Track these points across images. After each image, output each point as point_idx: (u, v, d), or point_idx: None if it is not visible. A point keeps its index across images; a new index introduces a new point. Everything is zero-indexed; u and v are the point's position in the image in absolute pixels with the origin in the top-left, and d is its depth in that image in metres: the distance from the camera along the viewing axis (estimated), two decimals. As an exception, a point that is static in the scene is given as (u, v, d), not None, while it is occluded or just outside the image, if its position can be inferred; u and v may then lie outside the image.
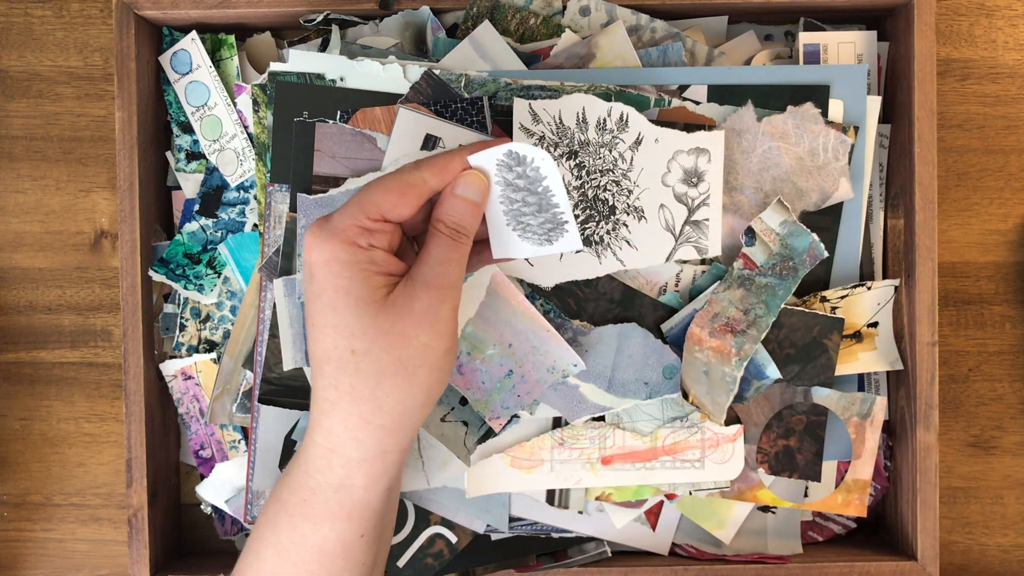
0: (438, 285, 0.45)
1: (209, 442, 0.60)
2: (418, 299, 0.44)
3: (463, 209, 0.46)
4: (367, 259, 0.44)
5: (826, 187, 0.56)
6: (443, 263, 0.45)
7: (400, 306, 0.44)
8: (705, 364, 0.54)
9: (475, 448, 0.56)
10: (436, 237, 0.46)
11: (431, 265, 0.45)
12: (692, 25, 0.59)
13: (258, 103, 0.56)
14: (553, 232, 0.48)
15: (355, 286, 0.44)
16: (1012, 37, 0.62)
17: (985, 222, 0.63)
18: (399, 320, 0.44)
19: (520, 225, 0.48)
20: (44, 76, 0.63)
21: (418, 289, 0.44)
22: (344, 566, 0.46)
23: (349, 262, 0.44)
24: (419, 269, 0.45)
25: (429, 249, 0.46)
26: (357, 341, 0.43)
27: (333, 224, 0.44)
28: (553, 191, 0.47)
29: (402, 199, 0.45)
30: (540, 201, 0.47)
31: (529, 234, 0.48)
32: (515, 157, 0.46)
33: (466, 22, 0.57)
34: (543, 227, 0.48)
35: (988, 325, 0.63)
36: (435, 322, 0.44)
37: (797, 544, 0.59)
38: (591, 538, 0.58)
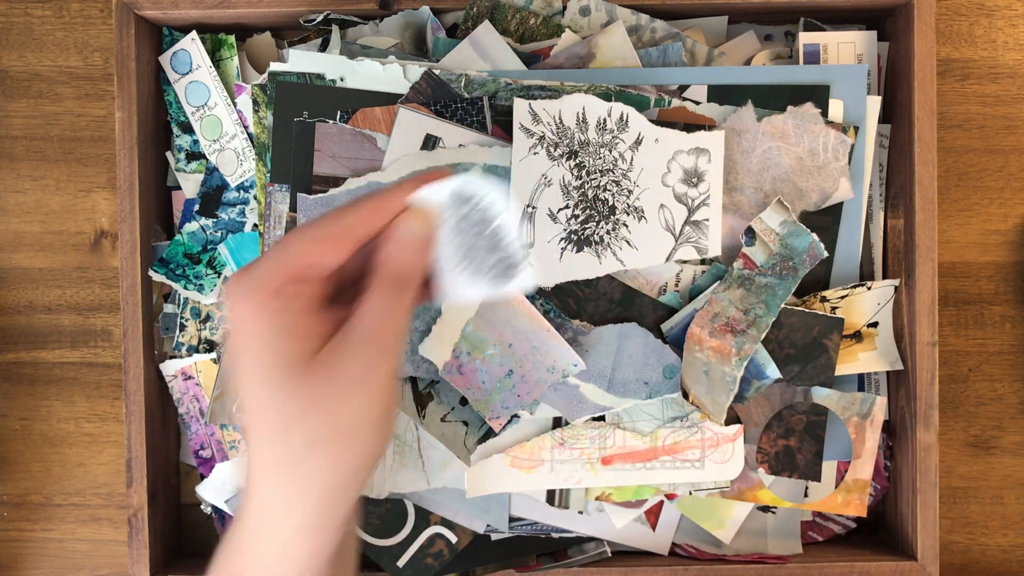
0: (377, 341, 0.39)
1: (209, 442, 0.60)
2: (354, 358, 0.39)
3: (407, 253, 0.41)
4: (294, 314, 0.39)
5: (826, 187, 0.56)
6: (383, 316, 0.40)
7: (333, 366, 0.39)
8: (705, 364, 0.54)
9: (475, 448, 0.56)
10: (376, 286, 0.41)
11: (370, 318, 0.40)
12: (692, 25, 0.59)
13: (258, 103, 0.56)
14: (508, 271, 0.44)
15: (282, 345, 0.38)
16: (1012, 37, 0.62)
17: (985, 222, 0.63)
18: (332, 383, 0.39)
19: (471, 266, 0.44)
20: (44, 76, 0.63)
21: (354, 346, 0.39)
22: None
23: (274, 318, 0.39)
24: (356, 323, 0.40)
25: (368, 300, 0.40)
26: (286, 406, 0.38)
27: (256, 275, 0.39)
28: (505, 229, 0.43)
29: (332, 246, 0.40)
30: (493, 240, 0.44)
31: (481, 275, 0.44)
32: (465, 193, 0.43)
33: (466, 22, 0.57)
34: (497, 267, 0.44)
35: (988, 325, 0.63)
36: (373, 383, 0.39)
37: (797, 544, 0.59)
38: (591, 538, 0.58)
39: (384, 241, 0.41)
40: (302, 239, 0.40)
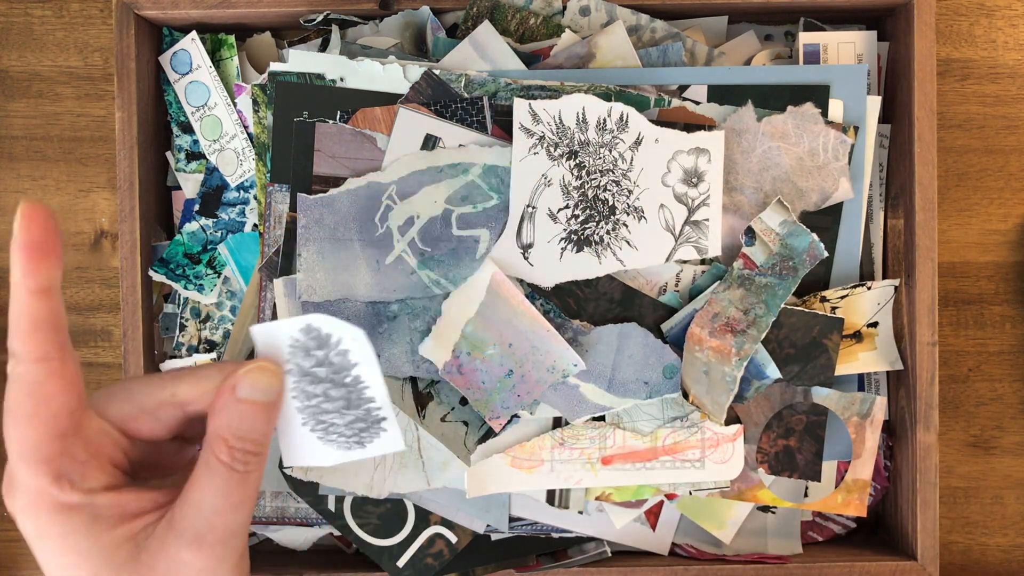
0: (214, 541, 0.32)
1: (209, 442, 0.60)
2: (186, 563, 0.32)
3: (252, 418, 0.33)
4: (88, 518, 0.31)
5: (826, 187, 0.56)
6: (222, 510, 0.32)
7: (160, 572, 0.32)
8: (705, 364, 0.54)
9: (475, 448, 0.56)
10: (209, 468, 0.32)
11: (203, 513, 0.32)
12: (692, 25, 0.59)
13: (258, 103, 0.56)
14: (366, 432, 0.36)
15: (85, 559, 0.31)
16: (1012, 37, 0.62)
17: (985, 222, 0.63)
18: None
19: (321, 426, 0.36)
20: (44, 76, 0.63)
21: (184, 549, 0.32)
22: None
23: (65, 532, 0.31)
24: (184, 516, 0.32)
25: (198, 486, 0.32)
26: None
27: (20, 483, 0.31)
28: (366, 381, 0.35)
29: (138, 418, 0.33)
30: (348, 395, 0.35)
31: (334, 437, 0.36)
32: (315, 337, 0.34)
33: (466, 22, 0.57)
34: (352, 427, 0.36)
35: (988, 325, 0.63)
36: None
37: (797, 544, 0.59)
38: (591, 538, 0.58)
39: (220, 406, 0.33)
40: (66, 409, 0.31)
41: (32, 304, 0.30)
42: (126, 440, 0.34)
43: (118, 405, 0.33)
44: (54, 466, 0.31)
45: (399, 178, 0.55)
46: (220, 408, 0.33)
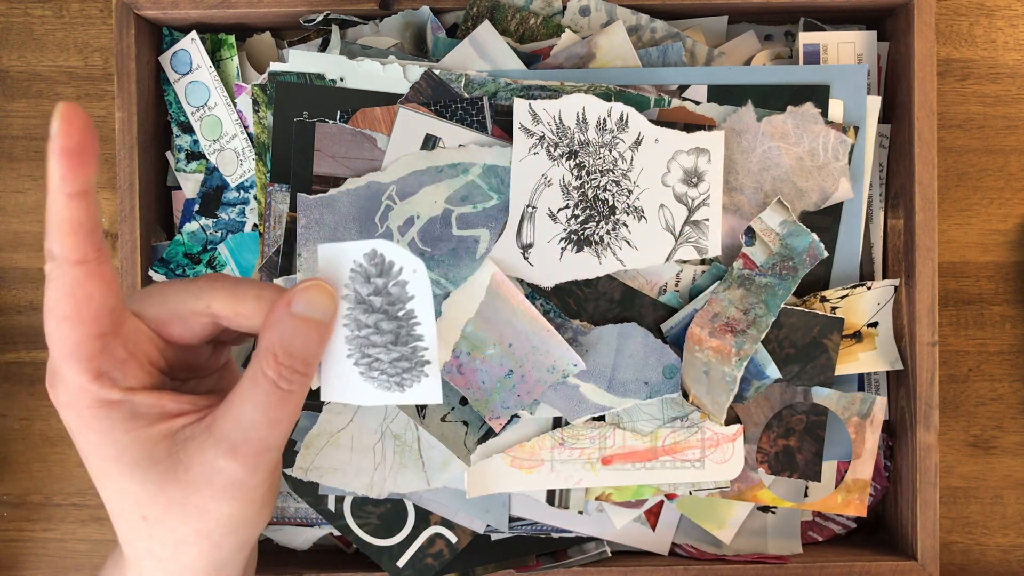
0: (250, 452, 0.33)
1: (209, 442, 0.60)
2: (221, 469, 0.33)
3: (304, 336, 0.33)
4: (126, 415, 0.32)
5: (826, 187, 0.56)
6: (260, 425, 0.33)
7: (194, 476, 0.33)
8: (705, 364, 0.54)
9: (475, 448, 0.56)
10: (256, 382, 0.33)
11: (243, 426, 0.33)
12: (692, 25, 0.59)
13: (258, 103, 0.56)
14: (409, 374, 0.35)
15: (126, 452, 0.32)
16: (1012, 37, 0.62)
17: (985, 222, 0.63)
18: (195, 492, 0.33)
19: (366, 360, 0.35)
20: (44, 76, 0.63)
21: (221, 457, 0.33)
22: None
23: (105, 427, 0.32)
24: (225, 426, 0.33)
25: (242, 398, 0.33)
26: (145, 508, 0.33)
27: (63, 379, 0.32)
28: (418, 317, 0.34)
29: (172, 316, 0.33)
30: (399, 329, 0.34)
31: (376, 374, 0.35)
32: (378, 263, 0.33)
33: (466, 22, 0.57)
34: (396, 366, 0.35)
35: (988, 325, 0.63)
36: (244, 493, 0.33)
37: (797, 544, 0.59)
38: (591, 538, 0.58)
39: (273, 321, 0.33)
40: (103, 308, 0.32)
41: (70, 207, 0.30)
42: (162, 342, 0.34)
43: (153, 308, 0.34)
44: (95, 364, 0.32)
45: (399, 178, 0.55)
46: (273, 323, 0.33)
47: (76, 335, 0.31)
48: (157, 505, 0.33)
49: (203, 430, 0.33)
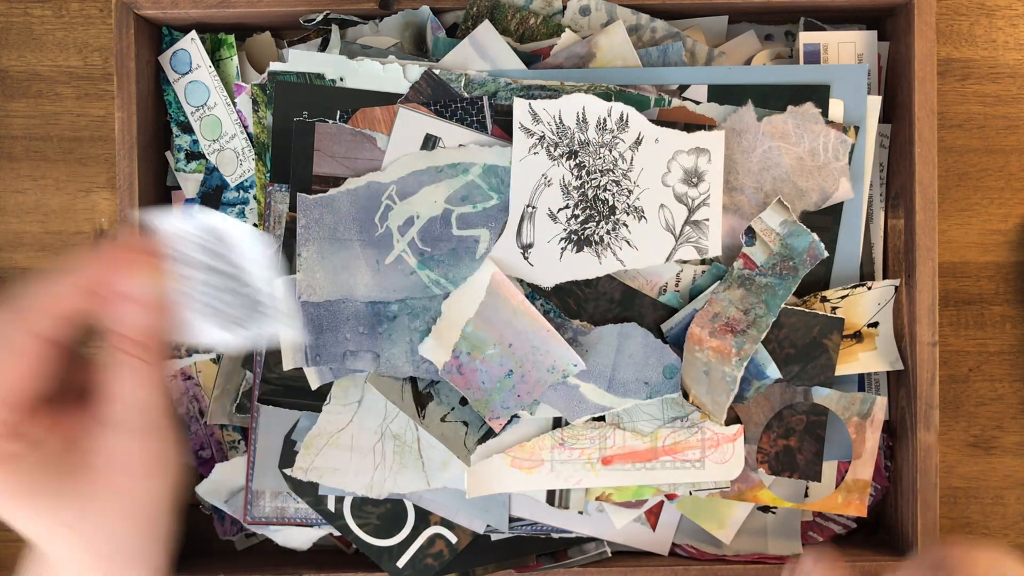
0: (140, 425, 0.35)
1: (209, 442, 0.60)
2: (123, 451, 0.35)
3: (145, 313, 0.35)
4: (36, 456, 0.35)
5: (826, 187, 0.56)
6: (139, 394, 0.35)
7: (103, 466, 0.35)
8: (705, 364, 0.54)
9: (475, 448, 0.56)
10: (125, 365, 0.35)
11: (125, 404, 0.35)
12: (692, 25, 0.59)
13: (258, 103, 0.56)
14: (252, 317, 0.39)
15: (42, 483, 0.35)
16: (1012, 37, 0.62)
17: (985, 222, 0.63)
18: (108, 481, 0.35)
19: (211, 310, 0.38)
20: (44, 76, 0.63)
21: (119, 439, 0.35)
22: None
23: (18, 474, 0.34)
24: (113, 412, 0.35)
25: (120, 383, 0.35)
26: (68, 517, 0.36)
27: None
28: (254, 272, 0.38)
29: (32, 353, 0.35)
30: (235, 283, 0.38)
31: (221, 320, 0.39)
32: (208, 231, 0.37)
33: (466, 22, 0.57)
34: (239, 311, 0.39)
35: (988, 325, 0.63)
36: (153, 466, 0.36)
37: (797, 544, 0.59)
38: (591, 538, 0.58)
39: (112, 306, 0.35)
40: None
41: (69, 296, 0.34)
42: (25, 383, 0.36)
43: None
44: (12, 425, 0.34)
45: (399, 178, 0.55)
46: (113, 307, 0.35)
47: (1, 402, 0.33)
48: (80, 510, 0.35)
49: (95, 424, 0.35)
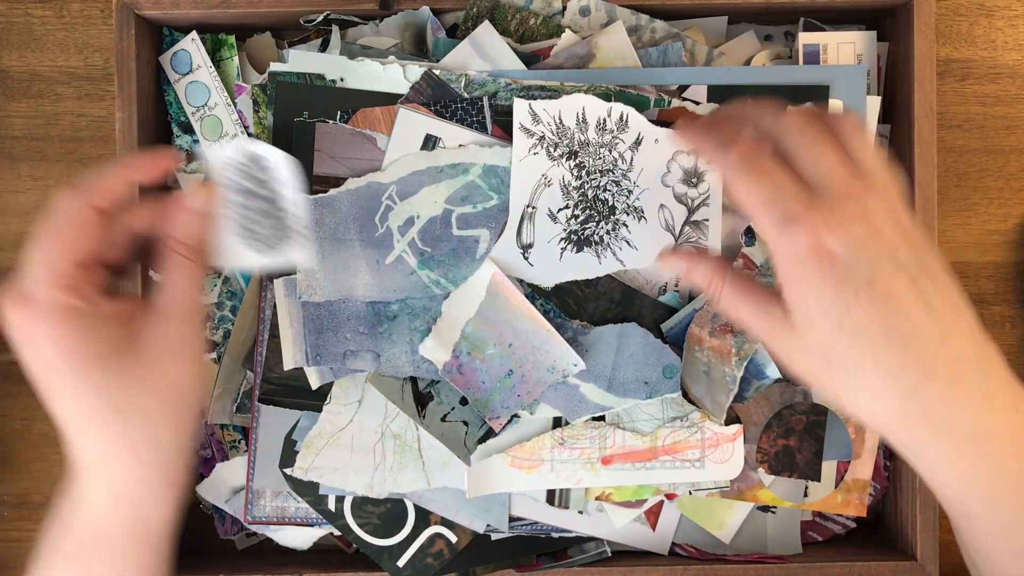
0: (185, 314, 0.42)
1: (209, 442, 0.60)
2: (168, 334, 0.42)
3: (198, 223, 0.44)
4: (95, 318, 0.40)
5: (826, 187, 0.56)
6: (187, 290, 0.43)
7: (151, 346, 0.41)
8: (705, 364, 0.54)
9: (475, 448, 0.56)
10: (174, 261, 0.43)
11: (176, 296, 0.42)
12: (692, 25, 0.59)
13: (258, 103, 0.57)
14: (280, 240, 0.45)
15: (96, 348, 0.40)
16: (1012, 37, 0.62)
17: (985, 222, 0.63)
18: (156, 363, 0.41)
19: (247, 232, 0.45)
20: (44, 76, 0.63)
21: (165, 323, 0.42)
22: None
23: (78, 329, 0.40)
24: (163, 302, 0.42)
25: (169, 275, 0.43)
26: (116, 396, 0.41)
27: (33, 296, 0.40)
28: (285, 197, 0.45)
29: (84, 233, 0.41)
30: (270, 206, 0.45)
31: (254, 242, 0.45)
32: (251, 156, 0.45)
33: (466, 22, 0.57)
34: (271, 235, 0.45)
35: (988, 325, 0.63)
36: (188, 351, 0.42)
37: (797, 544, 0.59)
38: (591, 538, 0.58)
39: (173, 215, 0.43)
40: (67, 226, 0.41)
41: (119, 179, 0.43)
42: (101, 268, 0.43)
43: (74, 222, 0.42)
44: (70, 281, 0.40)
45: (399, 178, 0.55)
46: (172, 219, 0.43)
47: (63, 258, 0.40)
48: (129, 387, 0.41)
49: (147, 312, 0.42)
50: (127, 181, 0.43)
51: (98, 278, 0.42)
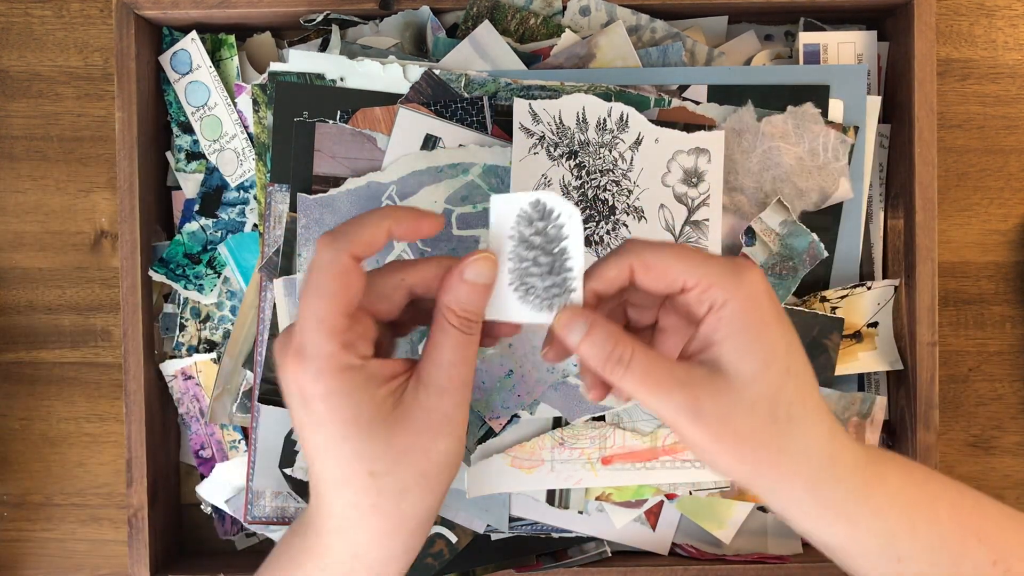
0: (453, 388, 0.40)
1: (209, 442, 0.60)
2: (434, 409, 0.40)
3: (475, 296, 0.41)
4: (365, 378, 0.40)
5: (826, 187, 0.56)
6: (456, 363, 0.40)
7: (416, 419, 0.40)
8: (705, 364, 0.54)
9: (475, 448, 0.56)
10: (445, 332, 0.41)
11: (444, 367, 0.40)
12: (692, 25, 0.59)
13: (258, 103, 0.56)
14: (557, 298, 0.42)
15: (362, 411, 0.39)
16: (1012, 37, 0.62)
17: (985, 222, 0.63)
18: (417, 436, 0.40)
19: (523, 287, 0.42)
20: (44, 76, 0.63)
21: (432, 397, 0.40)
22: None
23: (349, 389, 0.39)
24: (429, 372, 0.40)
25: (438, 347, 0.41)
26: (375, 464, 0.40)
27: (311, 352, 0.39)
28: (571, 254, 0.42)
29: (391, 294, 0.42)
30: (553, 262, 0.42)
31: (531, 298, 0.42)
32: (540, 209, 0.41)
33: (466, 22, 0.57)
34: (548, 291, 0.42)
35: (988, 325, 0.63)
36: (453, 428, 0.40)
37: (797, 544, 0.59)
38: (591, 538, 0.58)
39: (450, 284, 0.41)
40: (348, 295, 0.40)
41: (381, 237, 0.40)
42: (371, 320, 0.42)
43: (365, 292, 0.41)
44: (344, 336, 0.39)
45: (399, 178, 0.55)
46: (449, 287, 0.41)
47: (334, 312, 0.39)
48: (387, 457, 0.40)
49: (414, 381, 0.41)
50: (387, 234, 0.41)
51: (370, 331, 0.41)
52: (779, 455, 0.40)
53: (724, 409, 0.39)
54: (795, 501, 0.41)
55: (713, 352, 0.40)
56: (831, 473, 0.40)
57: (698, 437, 0.39)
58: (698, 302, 0.40)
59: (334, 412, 0.39)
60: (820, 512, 0.41)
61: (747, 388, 0.39)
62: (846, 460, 0.41)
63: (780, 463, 0.40)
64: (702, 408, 0.39)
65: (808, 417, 0.40)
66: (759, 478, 0.40)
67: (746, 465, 0.40)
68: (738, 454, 0.39)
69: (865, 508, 0.41)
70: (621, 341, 0.40)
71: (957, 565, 0.42)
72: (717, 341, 0.40)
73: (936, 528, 0.42)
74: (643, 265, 0.41)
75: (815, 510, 0.41)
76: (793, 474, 0.40)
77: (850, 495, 0.41)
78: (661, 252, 0.41)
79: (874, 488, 0.41)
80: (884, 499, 0.41)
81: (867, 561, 0.42)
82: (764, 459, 0.40)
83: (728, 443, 0.39)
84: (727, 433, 0.39)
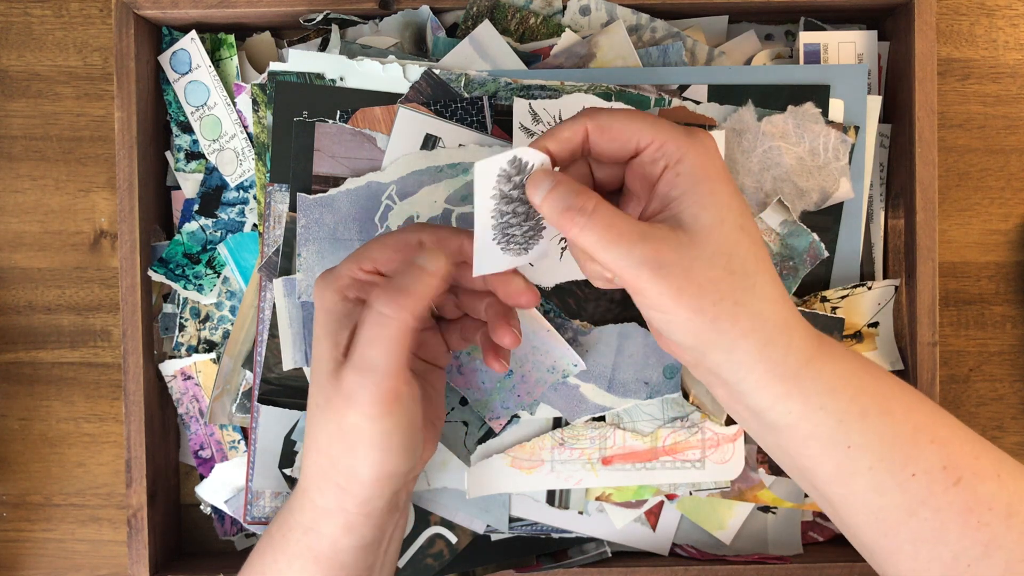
0: (360, 368, 0.41)
1: (209, 442, 0.60)
2: (346, 379, 0.42)
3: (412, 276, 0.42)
4: (344, 313, 0.44)
5: (826, 187, 0.55)
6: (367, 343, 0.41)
7: (341, 379, 0.42)
8: (705, 364, 0.54)
9: (475, 448, 0.56)
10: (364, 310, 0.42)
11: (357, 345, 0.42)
12: (692, 25, 0.59)
13: (258, 103, 0.56)
14: (532, 240, 0.44)
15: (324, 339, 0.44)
16: (1013, 37, 0.62)
17: (985, 222, 0.63)
18: (336, 393, 0.42)
19: (505, 238, 0.44)
20: (43, 76, 0.63)
21: (346, 370, 0.42)
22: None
23: (331, 312, 0.44)
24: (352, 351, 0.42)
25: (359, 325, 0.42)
26: (317, 396, 0.44)
27: (333, 271, 0.45)
28: None
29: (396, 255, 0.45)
30: (529, 209, 0.44)
31: (512, 245, 0.44)
32: (517, 164, 0.42)
33: (466, 22, 0.57)
34: (526, 236, 0.44)
35: (989, 325, 0.63)
36: (361, 404, 0.41)
37: (797, 544, 0.59)
38: (591, 538, 0.58)
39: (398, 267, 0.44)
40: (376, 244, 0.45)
41: None
42: None
43: None
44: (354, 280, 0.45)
45: (399, 178, 0.55)
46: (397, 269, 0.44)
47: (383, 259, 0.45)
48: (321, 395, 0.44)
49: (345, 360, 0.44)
50: None
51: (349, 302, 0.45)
52: (736, 307, 0.39)
53: (686, 261, 0.39)
54: (749, 367, 0.40)
55: (672, 209, 0.40)
56: (786, 339, 0.41)
57: (659, 290, 0.39)
58: (652, 161, 0.41)
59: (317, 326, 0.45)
60: (773, 384, 0.41)
61: (707, 241, 0.39)
62: (799, 330, 0.41)
63: (738, 316, 0.39)
64: (664, 260, 0.39)
65: (761, 275, 0.40)
66: (718, 335, 0.40)
67: (706, 317, 0.39)
68: (699, 306, 0.39)
69: (818, 383, 0.41)
70: (584, 193, 0.40)
71: (906, 464, 0.41)
72: (676, 197, 0.40)
73: (888, 419, 0.42)
74: (598, 127, 0.41)
75: (769, 380, 0.41)
76: (750, 330, 0.40)
77: (802, 368, 0.41)
78: (615, 114, 0.41)
79: (826, 363, 0.41)
80: (837, 379, 0.41)
81: (818, 444, 0.41)
82: (723, 313, 0.39)
83: (690, 294, 0.39)
84: (690, 284, 0.39)
